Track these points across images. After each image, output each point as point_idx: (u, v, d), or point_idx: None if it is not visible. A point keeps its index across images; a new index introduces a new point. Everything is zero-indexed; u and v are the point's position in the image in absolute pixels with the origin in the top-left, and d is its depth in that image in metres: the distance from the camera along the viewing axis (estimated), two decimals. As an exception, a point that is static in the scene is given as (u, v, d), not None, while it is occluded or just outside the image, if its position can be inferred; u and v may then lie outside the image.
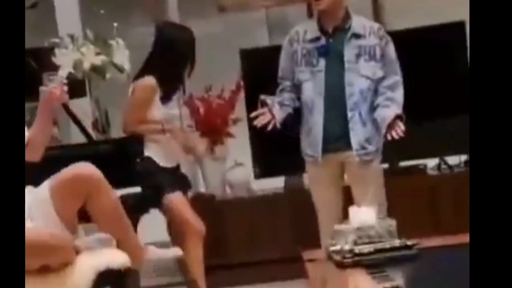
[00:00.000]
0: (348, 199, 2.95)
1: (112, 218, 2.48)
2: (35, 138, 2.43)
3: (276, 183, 4.02)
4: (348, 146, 2.91)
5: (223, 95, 3.88)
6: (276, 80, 3.08)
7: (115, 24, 3.34)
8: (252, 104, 3.86)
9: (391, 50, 2.94)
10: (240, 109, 3.89)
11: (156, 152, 3.23)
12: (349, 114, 2.88)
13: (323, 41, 2.90)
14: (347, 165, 2.97)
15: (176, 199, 3.22)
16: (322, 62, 2.89)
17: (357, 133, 2.89)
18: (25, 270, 2.00)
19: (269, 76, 3.78)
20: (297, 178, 4.00)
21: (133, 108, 3.20)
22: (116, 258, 2.50)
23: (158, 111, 3.21)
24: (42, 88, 2.37)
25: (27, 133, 2.42)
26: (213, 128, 3.63)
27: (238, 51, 3.88)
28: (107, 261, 2.47)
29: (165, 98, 3.21)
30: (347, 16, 2.93)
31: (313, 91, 2.91)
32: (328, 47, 2.89)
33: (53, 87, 2.36)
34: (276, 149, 3.33)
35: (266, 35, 4.33)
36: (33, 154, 2.42)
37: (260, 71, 3.87)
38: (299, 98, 2.98)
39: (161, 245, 3.82)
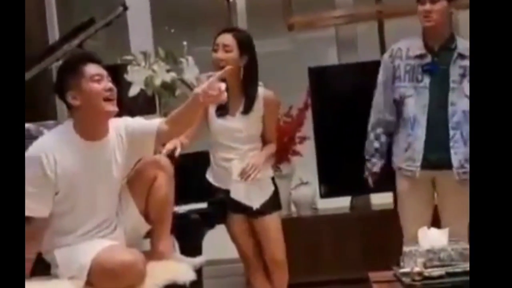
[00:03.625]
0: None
1: (163, 204, 2.63)
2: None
3: (342, 203, 3.96)
4: (445, 164, 2.94)
5: (291, 113, 3.87)
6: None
7: (184, 43, 3.38)
8: (319, 122, 3.87)
9: None
10: (307, 128, 3.87)
11: (211, 173, 3.16)
12: (451, 132, 2.92)
13: (428, 58, 2.98)
14: (440, 183, 2.99)
15: (231, 223, 3.15)
16: (426, 79, 2.96)
17: (458, 152, 2.92)
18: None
19: (337, 94, 3.78)
20: (363, 198, 3.95)
21: None
22: (182, 273, 2.58)
23: (212, 124, 3.12)
24: (196, 90, 2.52)
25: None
26: (279, 146, 3.62)
27: (306, 69, 3.86)
28: (173, 276, 2.55)
29: (220, 111, 3.10)
30: (452, 37, 3.00)
31: (416, 106, 2.97)
32: (434, 65, 2.95)
33: (208, 87, 2.45)
34: (343, 168, 3.30)
35: (335, 53, 4.30)
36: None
37: (328, 89, 3.86)
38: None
39: (227, 262, 3.87)
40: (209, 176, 3.16)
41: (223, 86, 2.48)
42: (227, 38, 3.06)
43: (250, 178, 3.03)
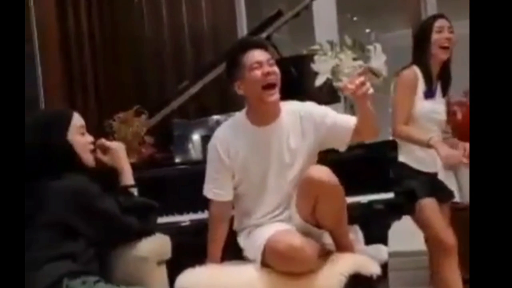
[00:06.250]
0: None
1: (334, 223, 2.50)
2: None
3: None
4: None
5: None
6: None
7: (367, 30, 3.30)
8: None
9: None
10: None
11: (411, 157, 3.10)
12: None
13: None
14: None
15: (428, 207, 3.06)
16: None
17: None
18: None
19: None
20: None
21: (396, 105, 3.09)
22: (368, 265, 2.53)
23: (421, 106, 3.09)
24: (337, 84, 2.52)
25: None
26: (471, 134, 3.41)
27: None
28: (359, 267, 2.50)
29: (429, 93, 3.11)
30: None
31: None
32: None
33: (349, 81, 2.43)
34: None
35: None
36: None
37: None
38: None
39: (413, 254, 3.75)
40: (408, 160, 3.09)
41: (360, 79, 2.40)
42: (446, 21, 3.14)
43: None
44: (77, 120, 2.35)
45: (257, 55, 2.50)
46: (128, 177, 2.44)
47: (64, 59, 3.72)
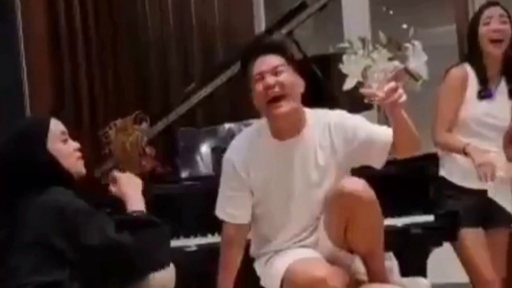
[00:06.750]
0: None
1: (369, 245, 2.33)
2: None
3: None
4: None
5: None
6: None
7: (404, 26, 3.04)
8: None
9: None
10: None
11: (455, 169, 2.86)
12: None
13: None
14: None
15: (469, 239, 2.83)
16: None
17: None
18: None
19: None
20: None
21: (438, 107, 2.88)
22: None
23: (473, 108, 2.85)
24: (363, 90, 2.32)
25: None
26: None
27: None
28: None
29: (484, 93, 2.86)
30: None
31: None
32: None
33: (377, 87, 2.26)
34: None
35: None
36: None
37: None
38: None
39: (456, 286, 3.45)
40: (450, 174, 2.88)
41: (390, 84, 2.27)
42: (498, 10, 2.89)
43: None
44: (55, 126, 2.22)
45: (261, 64, 2.37)
46: (132, 203, 2.23)
47: (53, 58, 3.62)
